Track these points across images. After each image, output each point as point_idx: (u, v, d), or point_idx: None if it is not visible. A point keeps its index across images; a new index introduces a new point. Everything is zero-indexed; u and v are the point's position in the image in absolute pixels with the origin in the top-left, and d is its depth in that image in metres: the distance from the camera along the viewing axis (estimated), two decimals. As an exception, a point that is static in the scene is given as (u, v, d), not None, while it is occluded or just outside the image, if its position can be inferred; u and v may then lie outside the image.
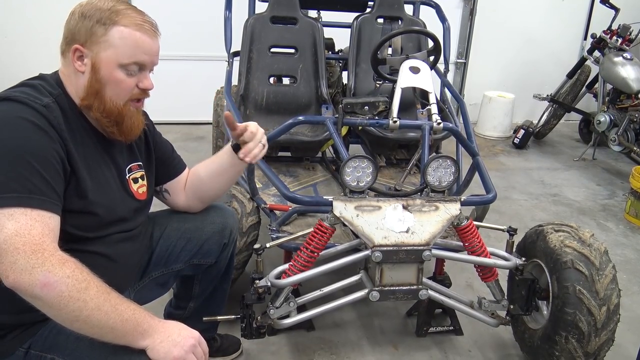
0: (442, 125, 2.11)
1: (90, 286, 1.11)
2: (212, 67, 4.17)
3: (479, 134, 4.97)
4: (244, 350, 2.06)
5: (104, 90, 1.30)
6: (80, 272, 1.12)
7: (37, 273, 1.07)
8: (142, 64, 1.33)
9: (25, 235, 1.09)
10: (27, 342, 1.28)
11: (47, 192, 1.18)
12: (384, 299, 1.79)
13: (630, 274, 2.80)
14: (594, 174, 4.22)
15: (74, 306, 1.09)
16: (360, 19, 3.06)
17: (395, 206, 1.78)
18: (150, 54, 1.34)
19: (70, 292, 1.09)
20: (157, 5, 4.32)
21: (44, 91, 1.29)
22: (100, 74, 1.29)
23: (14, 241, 1.08)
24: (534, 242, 1.96)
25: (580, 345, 1.74)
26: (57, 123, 1.24)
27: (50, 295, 1.08)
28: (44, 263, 1.08)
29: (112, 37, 1.28)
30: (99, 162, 1.36)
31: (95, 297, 1.11)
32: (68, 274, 1.10)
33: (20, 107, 1.21)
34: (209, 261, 1.73)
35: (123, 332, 1.14)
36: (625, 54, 4.12)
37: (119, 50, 1.29)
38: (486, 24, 5.06)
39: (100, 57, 1.28)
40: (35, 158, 1.17)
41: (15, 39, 4.30)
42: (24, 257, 1.08)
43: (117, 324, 1.13)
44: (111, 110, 1.32)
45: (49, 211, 1.17)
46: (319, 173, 2.86)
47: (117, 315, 1.13)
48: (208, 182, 1.65)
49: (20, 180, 1.15)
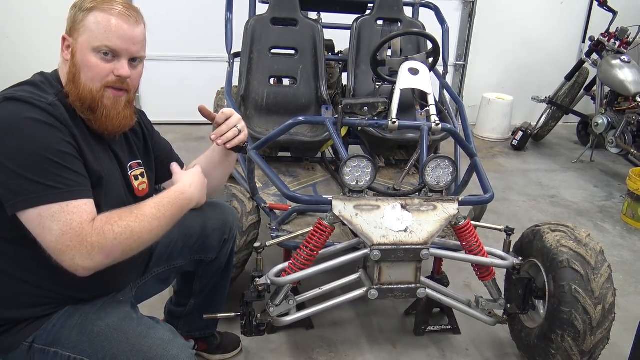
0: (440, 126, 2.13)
1: (132, 227, 1.25)
2: (213, 68, 4.19)
3: (477, 136, 4.99)
4: (243, 348, 2.08)
5: (79, 75, 1.30)
6: (117, 225, 1.23)
7: (95, 256, 1.21)
8: (114, 50, 1.30)
9: (69, 231, 1.19)
10: (31, 336, 1.30)
11: (80, 181, 1.24)
12: (383, 297, 1.81)
13: (627, 275, 2.82)
14: (592, 176, 4.24)
15: (137, 245, 1.27)
16: (360, 21, 3.08)
17: (394, 205, 1.80)
18: (124, 40, 1.31)
19: (126, 246, 1.24)
20: (159, 6, 4.36)
21: (45, 89, 1.30)
22: (76, 57, 1.30)
23: (63, 240, 1.19)
24: (530, 241, 1.98)
25: (576, 344, 1.76)
26: (64, 119, 1.26)
27: (118, 257, 1.25)
28: (93, 246, 1.20)
29: (88, 22, 1.29)
30: (104, 156, 1.38)
31: (142, 227, 1.26)
32: (112, 237, 1.22)
33: (27, 108, 1.22)
34: (210, 257, 1.75)
35: (175, 214, 1.36)
36: (623, 57, 4.15)
37: (92, 34, 1.29)
38: (485, 27, 5.08)
39: (78, 42, 1.30)
40: (54, 154, 1.21)
41: (17, 39, 4.31)
42: (78, 251, 1.19)
43: (168, 215, 1.33)
44: (85, 96, 1.31)
45: (82, 198, 1.23)
46: (318, 173, 2.88)
47: (163, 215, 1.31)
48: None
49: (53, 177, 1.19)
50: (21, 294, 1.30)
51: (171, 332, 1.33)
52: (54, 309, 1.33)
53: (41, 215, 1.18)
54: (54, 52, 1.39)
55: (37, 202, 1.18)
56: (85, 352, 1.26)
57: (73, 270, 1.21)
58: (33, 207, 1.18)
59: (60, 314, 1.32)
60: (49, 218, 1.18)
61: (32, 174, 1.18)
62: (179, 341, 1.31)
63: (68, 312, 1.32)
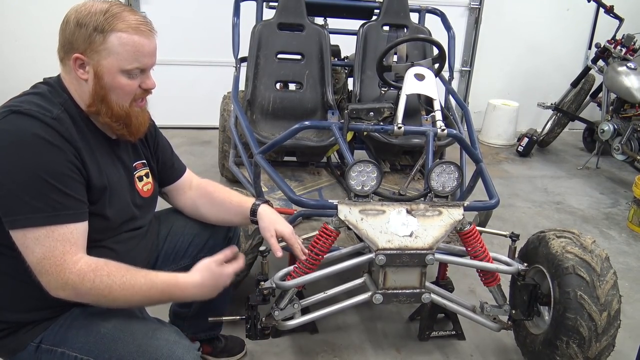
0: (446, 132, 2.14)
1: (112, 289, 1.25)
2: (219, 73, 4.22)
3: (483, 142, 4.99)
4: (248, 351, 2.08)
5: (109, 96, 1.32)
6: (100, 279, 1.24)
7: (67, 290, 1.24)
8: (143, 68, 1.35)
9: (50, 257, 1.22)
10: (38, 337, 1.31)
11: (69, 204, 1.24)
12: (387, 302, 1.81)
13: (633, 282, 2.81)
14: (598, 183, 4.23)
15: (107, 304, 1.28)
16: (366, 27, 3.10)
17: (399, 210, 1.81)
18: (150, 56, 1.35)
19: (98, 299, 1.26)
20: (166, 11, 4.40)
21: (52, 99, 1.30)
22: (104, 80, 1.30)
23: (43, 264, 1.22)
24: (536, 248, 1.98)
25: (581, 350, 1.75)
26: (68, 135, 1.26)
27: (86, 301, 1.27)
28: (67, 282, 1.23)
29: (111, 44, 1.28)
30: (109, 164, 1.39)
31: (120, 295, 1.26)
32: (89, 286, 1.24)
33: (31, 123, 1.22)
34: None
35: (163, 300, 1.34)
36: (629, 64, 4.14)
37: (120, 57, 1.29)
38: (491, 33, 5.09)
39: (102, 65, 1.29)
40: (52, 175, 1.21)
41: (27, 43, 4.35)
42: (54, 278, 1.23)
43: (154, 298, 1.31)
44: (119, 114, 1.35)
45: (73, 222, 1.24)
46: (324, 178, 2.89)
47: (149, 296, 1.30)
48: (213, 212, 1.70)
49: (42, 199, 1.21)
50: (30, 298, 1.32)
51: (177, 333, 1.34)
52: (61, 311, 1.34)
53: (26, 236, 1.21)
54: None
55: (23, 224, 1.20)
56: (92, 352, 1.27)
57: (46, 289, 1.25)
58: (19, 229, 1.21)
59: (67, 315, 1.34)
60: (33, 240, 1.21)
61: (25, 193, 1.19)
62: (184, 342, 1.32)
63: (75, 313, 1.34)
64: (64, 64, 1.33)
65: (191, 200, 1.71)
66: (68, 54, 1.31)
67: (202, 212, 1.70)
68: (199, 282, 1.36)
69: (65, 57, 1.32)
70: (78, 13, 1.30)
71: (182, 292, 1.35)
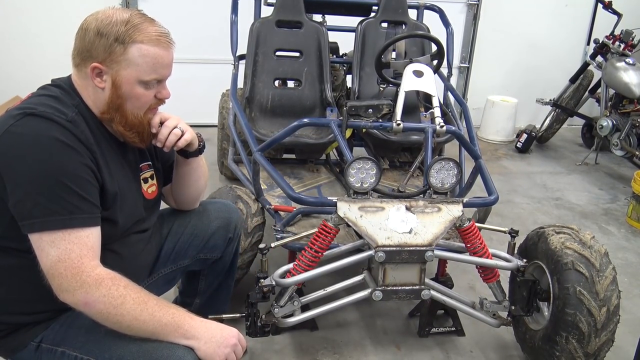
0: (445, 129, 2.14)
1: (126, 301, 1.21)
2: (218, 70, 4.21)
3: (481, 138, 4.99)
4: (248, 349, 2.07)
5: (124, 105, 1.33)
6: (116, 288, 1.21)
7: (78, 294, 1.20)
8: (161, 78, 1.36)
9: (66, 260, 1.20)
10: (38, 336, 1.32)
11: (85, 208, 1.23)
12: (387, 298, 1.81)
13: (632, 277, 2.81)
14: (597, 178, 4.23)
15: (114, 319, 1.22)
16: (364, 24, 3.09)
17: (399, 207, 1.81)
18: (168, 67, 1.37)
19: (107, 309, 1.21)
20: (164, 8, 4.38)
21: (66, 102, 1.29)
22: (122, 90, 1.31)
23: (57, 267, 1.20)
24: (535, 244, 1.98)
25: (581, 346, 1.76)
26: (84, 137, 1.26)
27: (92, 312, 1.22)
28: (82, 285, 1.20)
29: (131, 55, 1.29)
30: (118, 169, 1.39)
31: (131, 309, 1.21)
32: (104, 293, 1.20)
33: (47, 125, 1.22)
34: (215, 255, 1.76)
35: (165, 334, 1.24)
36: (628, 59, 4.14)
37: (140, 68, 1.30)
38: (489, 29, 5.08)
39: (120, 75, 1.30)
40: (69, 178, 1.21)
41: (26, 42, 4.33)
42: (67, 281, 1.20)
43: (157, 329, 1.23)
44: (133, 123, 1.36)
45: (89, 227, 1.23)
46: (323, 175, 2.89)
47: (155, 322, 1.23)
48: (177, 188, 1.68)
49: (60, 202, 1.20)
50: (33, 301, 1.31)
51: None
52: (62, 312, 1.34)
53: (41, 239, 1.20)
54: (62, 54, 1.40)
55: (39, 227, 1.20)
56: (92, 352, 1.27)
57: (56, 293, 1.22)
58: (35, 232, 1.20)
59: (67, 314, 1.34)
60: (48, 243, 1.20)
61: (42, 196, 1.19)
62: (185, 342, 1.31)
63: (76, 313, 1.33)
64: (80, 69, 1.33)
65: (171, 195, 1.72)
66: (85, 62, 1.30)
67: (179, 195, 1.68)
68: (208, 336, 1.27)
69: (82, 63, 1.31)
70: (98, 22, 1.29)
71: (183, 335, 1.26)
